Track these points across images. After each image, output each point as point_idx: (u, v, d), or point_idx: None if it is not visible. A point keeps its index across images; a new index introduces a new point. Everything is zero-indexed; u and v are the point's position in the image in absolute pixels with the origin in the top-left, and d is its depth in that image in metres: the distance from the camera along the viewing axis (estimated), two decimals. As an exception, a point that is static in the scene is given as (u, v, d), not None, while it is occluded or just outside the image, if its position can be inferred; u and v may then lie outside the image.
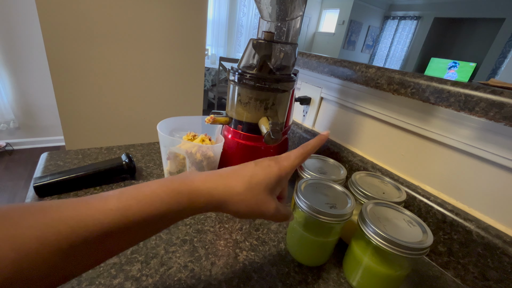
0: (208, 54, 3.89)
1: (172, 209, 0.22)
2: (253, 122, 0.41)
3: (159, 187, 0.23)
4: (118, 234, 0.20)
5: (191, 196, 0.23)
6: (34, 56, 1.97)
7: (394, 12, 5.35)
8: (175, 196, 0.22)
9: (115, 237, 0.20)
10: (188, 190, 0.23)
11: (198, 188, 0.24)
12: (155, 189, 0.22)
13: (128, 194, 0.22)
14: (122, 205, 0.20)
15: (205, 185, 0.24)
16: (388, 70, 0.48)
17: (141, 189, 0.22)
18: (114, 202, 0.20)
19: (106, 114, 1.01)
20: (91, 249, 0.19)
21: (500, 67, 3.83)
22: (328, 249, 0.38)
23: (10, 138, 2.14)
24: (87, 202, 0.20)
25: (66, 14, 0.82)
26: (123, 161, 0.50)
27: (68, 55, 0.87)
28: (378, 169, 0.52)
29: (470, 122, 0.40)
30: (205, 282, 0.33)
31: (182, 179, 0.24)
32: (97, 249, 0.20)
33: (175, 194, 0.23)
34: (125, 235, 0.21)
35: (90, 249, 0.19)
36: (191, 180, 0.24)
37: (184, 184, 0.24)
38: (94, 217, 0.19)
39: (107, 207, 0.20)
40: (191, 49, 1.08)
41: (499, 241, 0.36)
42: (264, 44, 0.39)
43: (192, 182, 0.24)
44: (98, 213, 0.19)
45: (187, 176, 0.25)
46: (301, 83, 0.72)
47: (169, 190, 0.22)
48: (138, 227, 0.21)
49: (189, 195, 0.23)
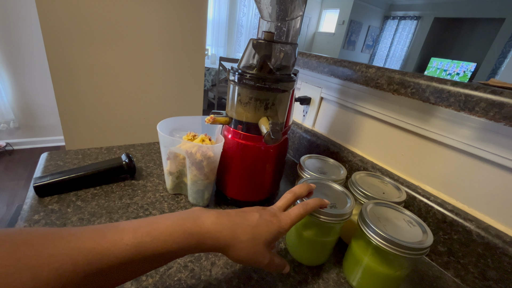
0: (208, 54, 3.89)
1: (182, 247, 0.24)
2: (253, 122, 0.41)
3: (172, 225, 0.24)
4: (130, 266, 0.22)
5: (200, 238, 0.25)
6: (34, 56, 1.97)
7: (394, 12, 5.35)
8: (187, 237, 0.24)
9: (127, 269, 0.22)
10: (199, 232, 0.25)
11: (207, 231, 0.26)
12: (169, 226, 0.24)
13: (143, 230, 0.23)
14: (137, 241, 0.22)
15: (214, 229, 0.26)
16: (388, 70, 0.48)
17: (156, 225, 0.24)
18: (129, 238, 0.22)
19: (106, 114, 1.01)
20: (103, 279, 0.21)
21: (500, 67, 3.83)
22: (328, 248, 0.38)
23: (10, 138, 2.13)
24: (104, 235, 0.22)
25: (66, 14, 0.82)
26: (123, 161, 0.50)
27: (68, 55, 0.87)
28: (378, 169, 0.52)
29: (470, 122, 0.40)
30: (205, 282, 0.33)
31: (193, 219, 0.26)
32: (109, 279, 0.21)
33: (187, 235, 0.24)
34: (136, 267, 0.23)
35: (102, 279, 0.21)
36: (202, 222, 0.26)
37: (196, 225, 0.25)
38: (110, 250, 0.21)
39: (122, 242, 0.21)
40: (191, 49, 1.08)
41: (499, 241, 0.36)
42: (264, 44, 0.39)
43: (203, 224, 0.26)
44: (114, 247, 0.21)
45: (198, 216, 0.27)
46: (301, 83, 0.72)
47: (182, 231, 0.24)
48: (149, 260, 0.23)
49: (198, 238, 0.25)
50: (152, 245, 0.22)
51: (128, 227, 0.23)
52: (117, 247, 0.21)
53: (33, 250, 0.18)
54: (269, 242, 0.29)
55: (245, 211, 0.30)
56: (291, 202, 0.34)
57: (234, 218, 0.28)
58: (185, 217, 0.26)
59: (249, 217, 0.29)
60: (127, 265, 0.21)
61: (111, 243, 0.21)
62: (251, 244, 0.27)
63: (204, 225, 0.26)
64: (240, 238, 0.27)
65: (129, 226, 0.23)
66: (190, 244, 0.24)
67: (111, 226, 0.23)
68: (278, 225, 0.29)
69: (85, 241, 0.20)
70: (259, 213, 0.30)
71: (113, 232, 0.22)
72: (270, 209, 0.32)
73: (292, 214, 0.31)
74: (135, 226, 0.23)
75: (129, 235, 0.22)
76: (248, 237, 0.27)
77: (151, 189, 0.49)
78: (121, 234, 0.22)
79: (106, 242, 0.21)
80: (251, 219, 0.29)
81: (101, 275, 0.20)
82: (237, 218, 0.28)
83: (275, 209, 0.32)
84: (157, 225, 0.24)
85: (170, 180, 0.47)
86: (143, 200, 0.46)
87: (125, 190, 0.48)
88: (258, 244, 0.28)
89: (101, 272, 0.20)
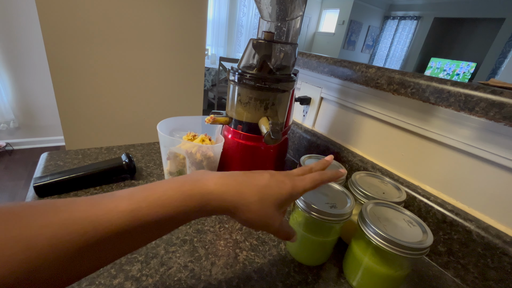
0: (208, 54, 3.89)
1: (183, 211, 0.22)
2: (253, 122, 0.41)
3: (170, 189, 0.23)
4: (128, 235, 0.20)
5: (202, 200, 0.23)
6: (34, 56, 1.97)
7: (394, 12, 5.35)
8: (186, 199, 0.23)
9: (125, 238, 0.20)
10: (200, 193, 0.23)
11: (211, 191, 0.24)
12: (166, 190, 0.22)
13: (139, 195, 0.22)
14: (133, 207, 0.20)
15: (218, 188, 0.24)
16: (388, 70, 0.48)
17: (152, 190, 0.22)
18: (124, 204, 0.20)
19: (106, 114, 1.01)
20: (101, 250, 0.19)
21: (500, 67, 3.83)
22: (328, 248, 0.38)
23: (10, 138, 2.13)
24: (98, 202, 0.20)
25: (66, 14, 0.82)
26: (123, 161, 0.50)
27: (68, 55, 0.87)
28: (378, 169, 0.52)
29: (470, 122, 0.40)
30: (205, 282, 0.33)
31: (194, 180, 0.24)
32: (107, 250, 0.20)
33: (187, 197, 0.23)
34: (135, 236, 0.21)
35: (99, 250, 0.19)
36: (204, 183, 0.24)
37: (196, 186, 0.24)
38: (105, 218, 0.19)
39: (118, 209, 0.20)
40: (191, 49, 1.08)
41: (499, 241, 0.36)
42: (264, 44, 0.39)
43: (205, 184, 0.24)
44: (108, 214, 0.19)
45: (200, 177, 0.25)
46: (301, 83, 0.72)
47: (180, 192, 0.23)
48: (148, 228, 0.21)
49: (201, 198, 0.23)
50: (149, 210, 0.21)
51: (123, 194, 0.22)
52: (112, 214, 0.20)
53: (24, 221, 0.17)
54: (280, 204, 0.27)
55: (254, 172, 0.28)
56: (306, 173, 0.32)
57: (241, 178, 0.26)
58: (185, 179, 0.24)
59: (258, 176, 0.27)
60: (124, 234, 0.20)
61: (106, 211, 0.20)
62: (260, 205, 0.25)
63: (206, 186, 0.24)
64: (248, 198, 0.25)
65: (124, 193, 0.22)
66: (191, 206, 0.23)
67: (105, 195, 0.21)
68: (290, 187, 0.27)
69: (79, 209, 0.19)
70: (270, 174, 0.28)
71: (107, 200, 0.21)
72: (283, 172, 0.30)
73: (307, 178, 0.29)
74: (131, 192, 0.22)
75: (124, 201, 0.21)
76: (257, 197, 0.25)
77: (151, 189, 0.49)
78: (116, 201, 0.21)
79: (101, 210, 0.20)
80: (261, 179, 0.27)
81: (97, 245, 0.19)
82: (245, 177, 0.26)
83: (289, 172, 0.30)
84: (154, 189, 0.22)
85: (170, 180, 0.47)
86: (143, 200, 0.46)
87: (125, 190, 0.48)
88: (268, 206, 0.26)
89: (96, 241, 0.19)
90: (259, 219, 0.26)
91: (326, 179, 0.31)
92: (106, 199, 0.21)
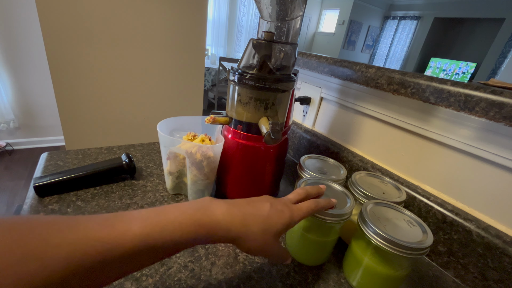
0: (208, 54, 3.89)
1: (191, 238, 0.24)
2: (253, 122, 0.41)
3: (181, 216, 0.24)
4: (138, 257, 0.21)
5: (210, 230, 0.25)
6: (34, 56, 1.96)
7: (394, 12, 5.35)
8: (197, 228, 0.24)
9: (134, 259, 0.21)
10: (209, 223, 0.25)
11: (218, 222, 0.25)
12: (178, 217, 0.24)
13: (152, 220, 0.23)
14: (146, 232, 0.21)
15: (225, 220, 0.25)
16: (388, 70, 0.48)
17: (165, 216, 0.23)
18: (138, 228, 0.21)
19: (106, 114, 1.01)
20: (111, 269, 0.20)
21: (500, 67, 3.83)
22: (328, 248, 0.38)
23: (10, 138, 2.13)
24: (113, 224, 0.21)
25: (66, 14, 0.82)
26: (123, 161, 0.50)
27: (68, 55, 0.87)
28: (378, 169, 0.52)
29: (470, 122, 0.40)
30: (205, 282, 0.33)
31: (204, 209, 0.25)
32: (116, 269, 0.21)
33: (197, 226, 0.24)
34: (144, 258, 0.22)
35: (109, 269, 0.20)
36: (212, 213, 0.25)
37: (206, 216, 0.25)
38: (119, 241, 0.20)
39: (131, 232, 0.21)
40: (191, 49, 1.08)
41: (499, 241, 0.36)
42: (264, 44, 0.39)
43: (213, 214, 0.25)
44: (123, 237, 0.20)
45: (209, 206, 0.26)
46: (301, 83, 0.72)
47: (191, 221, 0.24)
48: (158, 252, 0.22)
49: (209, 229, 0.24)
50: (161, 235, 0.22)
51: (137, 216, 0.22)
52: (125, 237, 0.20)
53: (41, 239, 0.18)
54: (279, 233, 0.28)
55: (256, 200, 0.30)
56: (302, 198, 0.33)
57: (245, 208, 0.28)
58: (195, 207, 0.25)
59: (260, 207, 0.28)
60: (135, 256, 0.21)
61: (120, 233, 0.20)
62: (263, 235, 0.27)
63: (214, 216, 0.25)
64: (252, 229, 0.26)
65: (138, 216, 0.23)
66: (200, 235, 0.24)
67: (119, 215, 0.22)
68: (289, 216, 0.29)
69: (93, 230, 0.20)
70: (270, 203, 0.29)
71: (121, 221, 0.21)
72: (281, 200, 0.31)
73: (304, 207, 0.31)
74: (144, 216, 0.23)
75: (137, 225, 0.22)
76: (259, 228, 0.27)
77: (151, 189, 0.49)
78: (129, 224, 0.21)
79: (115, 231, 0.20)
80: (263, 209, 0.28)
81: (109, 265, 0.20)
82: (249, 208, 0.28)
83: (286, 200, 0.32)
84: (166, 215, 0.23)
85: (170, 180, 0.47)
86: (143, 200, 0.46)
87: (125, 190, 0.48)
88: (269, 236, 0.27)
89: (108, 262, 0.20)
90: (260, 248, 0.27)
91: (320, 208, 0.32)
92: (121, 221, 0.22)
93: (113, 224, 0.21)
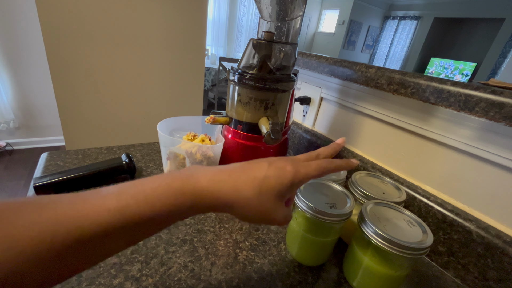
0: (208, 54, 3.89)
1: (174, 210, 0.21)
2: (253, 122, 0.41)
3: (160, 186, 0.21)
4: (115, 234, 0.19)
5: (195, 197, 0.22)
6: (34, 56, 1.96)
7: (394, 12, 5.35)
8: (178, 197, 0.21)
9: (112, 238, 0.19)
10: (192, 190, 0.22)
11: (203, 188, 0.22)
12: (156, 187, 0.21)
13: (127, 192, 0.20)
14: (121, 204, 0.19)
15: (211, 186, 0.22)
16: (388, 70, 0.48)
17: (142, 187, 0.21)
18: (112, 202, 0.19)
19: (106, 114, 1.01)
20: (87, 250, 0.19)
21: (500, 67, 3.83)
22: (328, 249, 0.38)
23: (10, 138, 2.13)
24: (85, 200, 0.19)
25: (66, 14, 0.82)
26: (123, 161, 0.50)
27: (68, 55, 0.87)
28: (378, 169, 0.52)
29: (470, 122, 0.40)
30: (205, 282, 0.33)
31: (186, 176, 0.22)
32: (93, 250, 0.19)
33: (178, 195, 0.21)
34: (122, 236, 0.20)
35: (85, 250, 0.18)
36: (196, 179, 0.22)
37: (188, 183, 0.22)
38: (91, 217, 0.18)
39: (105, 207, 0.19)
40: (191, 49, 1.08)
41: (499, 241, 0.36)
42: (264, 44, 0.39)
43: (197, 181, 0.22)
44: (95, 213, 0.18)
45: (192, 173, 0.23)
46: (301, 83, 0.72)
47: (172, 190, 0.21)
48: (137, 227, 0.20)
49: (193, 196, 0.22)
50: (138, 209, 0.20)
51: (111, 190, 0.20)
52: (98, 213, 0.18)
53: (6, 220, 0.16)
54: (281, 195, 0.24)
55: (253, 162, 0.26)
56: (313, 158, 0.29)
57: (236, 172, 0.24)
58: (176, 176, 0.22)
59: (255, 167, 0.25)
60: (112, 233, 0.19)
61: (92, 210, 0.18)
62: (259, 200, 0.23)
63: (198, 182, 0.22)
64: (245, 193, 0.23)
65: (112, 190, 0.20)
66: (183, 204, 0.21)
67: (93, 191, 0.20)
68: (292, 173, 0.25)
69: (64, 208, 0.18)
70: (269, 162, 0.25)
71: (94, 197, 0.19)
72: (286, 157, 0.27)
73: (313, 165, 0.26)
74: (119, 189, 0.20)
75: (112, 199, 0.19)
76: (255, 191, 0.23)
77: (151, 189, 0.49)
78: (103, 199, 0.19)
79: (86, 208, 0.18)
80: (259, 170, 0.24)
81: (84, 245, 0.18)
82: (241, 171, 0.24)
83: (293, 158, 0.27)
84: (143, 186, 0.21)
85: (170, 180, 0.47)
86: (143, 200, 0.46)
87: (125, 190, 0.48)
88: (268, 199, 0.24)
89: (83, 241, 0.18)
90: (259, 215, 0.24)
91: (334, 167, 0.28)
92: (93, 196, 0.20)
93: (85, 200, 0.19)
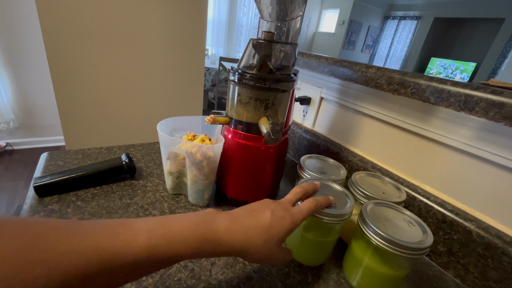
0: (208, 54, 3.89)
1: (196, 252, 0.24)
2: (253, 122, 0.41)
3: (186, 229, 0.24)
4: (141, 266, 0.22)
5: (215, 245, 0.25)
6: (34, 56, 1.96)
7: (394, 12, 5.35)
8: (201, 242, 0.24)
9: (138, 269, 0.22)
10: (213, 238, 0.25)
11: (221, 238, 0.26)
12: (183, 231, 0.24)
13: (157, 232, 0.23)
14: (151, 243, 0.22)
15: (228, 236, 0.26)
16: (388, 70, 0.48)
17: (170, 228, 0.24)
18: (143, 239, 0.22)
19: (106, 114, 1.01)
20: (115, 277, 0.21)
21: (500, 67, 3.83)
22: (328, 249, 0.38)
23: (10, 138, 2.13)
24: (118, 233, 0.21)
25: (66, 14, 0.82)
26: (123, 161, 0.50)
27: (68, 55, 0.87)
28: (378, 169, 0.52)
29: (470, 122, 0.40)
30: (205, 282, 0.33)
31: (208, 224, 0.26)
32: (120, 277, 0.21)
33: (202, 241, 0.24)
34: (147, 267, 0.23)
35: (113, 277, 0.21)
36: (216, 228, 0.26)
37: (210, 232, 0.25)
38: (124, 251, 0.21)
39: (137, 243, 0.21)
40: (191, 49, 1.08)
41: (499, 241, 0.36)
42: (264, 44, 0.39)
43: (217, 230, 0.26)
44: (128, 247, 0.21)
45: (212, 220, 0.26)
46: (301, 83, 0.72)
47: (196, 236, 0.24)
48: (161, 262, 0.23)
49: (212, 244, 0.25)
50: (166, 248, 0.22)
51: (142, 226, 0.23)
52: (131, 248, 0.21)
53: (48, 245, 0.18)
54: (282, 239, 0.29)
55: (257, 210, 0.30)
56: (300, 196, 0.34)
57: (246, 221, 0.28)
58: (199, 221, 0.26)
59: (261, 217, 0.29)
60: (138, 266, 0.21)
61: (125, 243, 0.21)
62: (266, 246, 0.27)
63: (218, 232, 0.26)
64: (255, 242, 0.27)
65: (143, 226, 0.23)
66: (204, 249, 0.25)
67: (125, 223, 0.23)
68: (290, 221, 0.29)
69: (99, 239, 0.20)
70: (271, 211, 0.29)
71: (127, 231, 0.22)
72: (281, 203, 0.31)
73: (304, 209, 0.31)
74: (149, 226, 0.23)
75: (143, 236, 0.22)
76: (262, 240, 0.27)
77: (151, 189, 0.49)
78: (135, 234, 0.22)
79: (120, 241, 0.21)
80: (264, 220, 0.28)
81: (113, 274, 0.20)
82: (250, 221, 0.28)
83: (286, 203, 0.32)
84: (171, 227, 0.24)
85: (170, 180, 0.47)
86: (143, 200, 0.46)
87: (125, 190, 0.48)
88: (273, 245, 0.28)
89: (113, 271, 0.20)
90: (265, 257, 0.28)
91: (319, 206, 0.33)
92: (126, 231, 0.22)
93: (119, 233, 0.21)
